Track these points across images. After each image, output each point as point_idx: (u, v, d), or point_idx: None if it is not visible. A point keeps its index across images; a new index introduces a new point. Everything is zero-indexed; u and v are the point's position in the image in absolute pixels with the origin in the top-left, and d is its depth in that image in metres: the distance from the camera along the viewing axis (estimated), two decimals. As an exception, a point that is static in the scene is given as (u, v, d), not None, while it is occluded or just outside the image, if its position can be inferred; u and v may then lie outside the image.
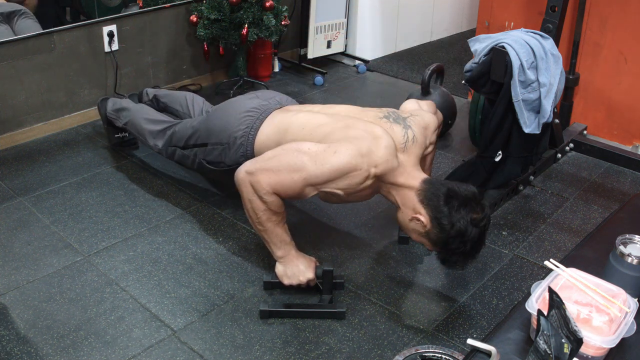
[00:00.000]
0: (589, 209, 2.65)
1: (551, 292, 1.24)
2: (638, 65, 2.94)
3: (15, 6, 2.95)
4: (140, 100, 3.01)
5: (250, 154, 2.21)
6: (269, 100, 2.33)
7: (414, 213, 1.93)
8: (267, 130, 2.20)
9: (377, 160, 1.91)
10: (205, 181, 2.75)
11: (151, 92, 2.99)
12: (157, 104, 2.92)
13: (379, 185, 2.00)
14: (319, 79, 3.87)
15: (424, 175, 1.99)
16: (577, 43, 3.05)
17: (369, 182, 1.93)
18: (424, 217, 1.90)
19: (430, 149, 2.25)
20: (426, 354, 1.83)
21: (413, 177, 1.98)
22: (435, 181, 1.97)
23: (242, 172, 1.96)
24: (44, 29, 2.97)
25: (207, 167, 2.39)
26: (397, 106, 2.33)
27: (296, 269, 2.05)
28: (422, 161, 2.39)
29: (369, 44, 4.30)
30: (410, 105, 2.31)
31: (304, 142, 1.97)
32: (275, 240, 2.02)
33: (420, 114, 2.19)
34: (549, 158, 2.95)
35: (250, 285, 2.16)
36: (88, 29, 3.12)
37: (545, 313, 1.22)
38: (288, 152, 1.95)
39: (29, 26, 2.95)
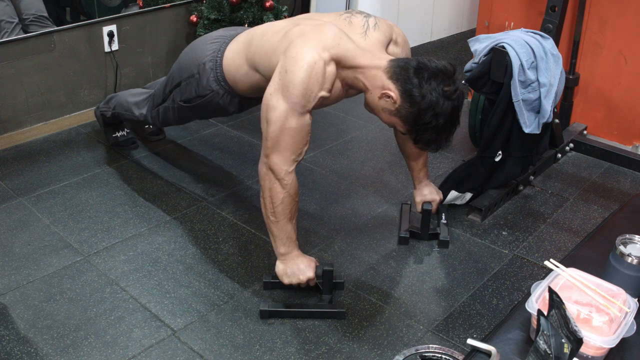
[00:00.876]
0: (589, 209, 2.65)
1: (551, 292, 1.24)
2: (638, 65, 2.94)
3: None
4: None
5: (220, 76, 2.21)
6: (235, 29, 2.33)
7: (383, 89, 1.88)
8: (232, 48, 2.20)
9: (324, 45, 1.88)
10: (205, 181, 2.76)
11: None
12: None
13: (345, 75, 1.95)
14: (319, 79, 3.86)
15: (390, 57, 1.95)
16: (577, 43, 3.05)
17: (330, 68, 1.89)
18: (393, 92, 1.86)
19: (394, 48, 2.13)
20: (426, 354, 1.83)
21: (378, 57, 1.93)
22: (402, 58, 1.93)
23: (261, 168, 1.96)
24: (48, 16, 2.96)
25: (187, 109, 2.37)
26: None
27: (296, 268, 2.04)
28: (416, 159, 2.39)
29: (369, 44, 4.30)
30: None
31: (266, 100, 1.93)
32: (282, 235, 2.01)
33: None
34: (549, 158, 2.95)
35: (250, 285, 2.16)
36: (88, 29, 3.12)
37: (545, 313, 1.22)
38: (269, 121, 1.92)
39: (34, 4, 2.92)
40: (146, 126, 3.02)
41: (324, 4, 3.90)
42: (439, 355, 1.83)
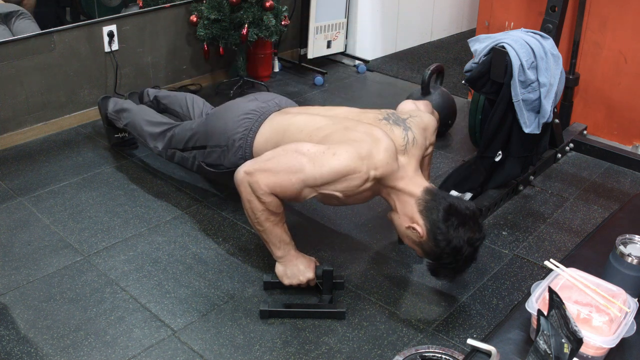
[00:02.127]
0: (589, 209, 2.65)
1: (551, 292, 1.24)
2: (638, 65, 2.94)
3: (13, 7, 2.95)
4: (141, 100, 3.01)
5: (249, 157, 2.21)
6: (267, 102, 2.32)
7: (412, 222, 1.92)
8: (265, 133, 2.20)
9: (376, 163, 1.90)
10: (205, 181, 2.75)
11: (152, 92, 2.98)
12: (158, 106, 2.92)
13: (379, 188, 1.99)
14: (319, 79, 3.87)
15: (426, 184, 1.98)
16: (577, 43, 3.05)
17: (368, 184, 1.92)
18: (420, 228, 1.89)
19: (430, 149, 2.24)
20: (426, 354, 1.83)
21: (414, 183, 1.96)
22: (437, 192, 1.95)
23: (241, 172, 1.95)
24: (43, 29, 2.97)
25: (206, 170, 2.39)
26: (396, 106, 2.33)
27: (296, 269, 2.05)
28: (421, 162, 2.39)
29: (369, 44, 4.31)
30: (408, 106, 2.30)
31: (304, 143, 1.96)
32: (274, 240, 2.02)
33: (419, 115, 2.19)
34: (549, 158, 2.95)
35: (250, 285, 2.16)
36: (88, 29, 3.12)
37: (545, 313, 1.22)
38: (287, 153, 1.94)
39: (27, 27, 2.95)
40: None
41: (323, 4, 3.90)
42: (439, 355, 1.83)
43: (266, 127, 2.21)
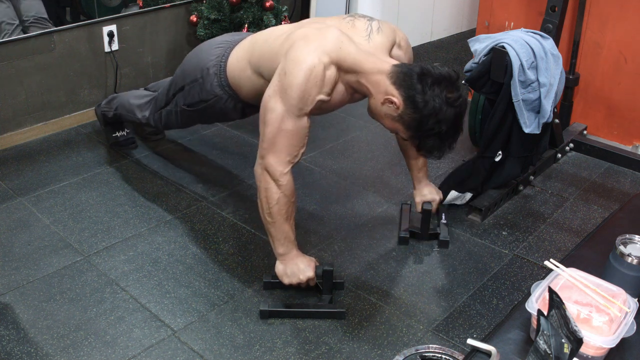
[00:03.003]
0: (589, 209, 2.65)
1: (551, 292, 1.24)
2: (638, 65, 2.94)
3: None
4: None
5: (224, 81, 2.21)
6: (239, 35, 2.33)
7: (386, 95, 1.87)
8: (236, 54, 2.20)
9: (324, 49, 1.87)
10: (205, 181, 2.75)
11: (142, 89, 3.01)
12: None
13: (347, 79, 1.95)
14: (319, 79, 3.86)
15: (394, 61, 1.94)
16: (577, 43, 3.05)
17: (330, 73, 1.89)
18: (396, 98, 1.85)
19: (396, 51, 2.13)
20: (426, 354, 1.83)
21: (382, 61, 1.92)
22: (407, 64, 1.92)
23: (255, 166, 1.97)
24: (49, 17, 2.96)
25: (190, 113, 2.37)
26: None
27: (296, 268, 2.05)
28: (416, 158, 2.39)
29: (369, 44, 4.30)
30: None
31: (267, 101, 1.92)
32: (280, 236, 2.02)
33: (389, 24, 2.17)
34: (549, 158, 2.95)
35: (250, 285, 2.16)
36: (88, 29, 3.12)
37: (545, 313, 1.22)
38: (266, 122, 1.92)
39: (34, 6, 2.93)
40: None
41: (323, 4, 3.90)
42: (439, 355, 1.83)
43: (236, 50, 2.22)
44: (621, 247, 1.43)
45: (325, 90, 1.90)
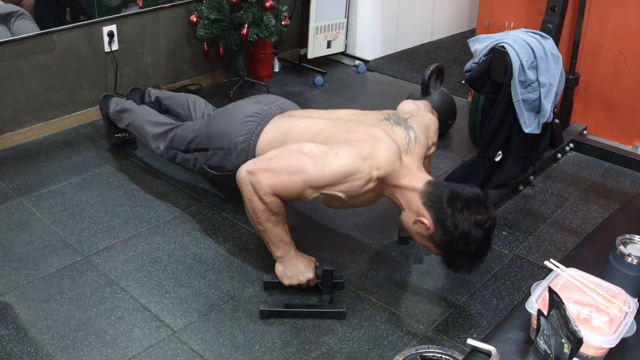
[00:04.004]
0: (589, 209, 2.65)
1: (551, 292, 1.24)
2: (638, 65, 2.94)
3: (13, 7, 2.96)
4: (142, 100, 2.99)
5: (251, 159, 2.20)
6: (270, 105, 2.31)
7: (418, 216, 1.91)
8: (268, 136, 2.19)
9: (378, 163, 1.90)
10: (206, 181, 2.75)
11: (153, 93, 2.97)
12: (159, 107, 2.91)
13: (382, 188, 1.99)
14: (319, 79, 3.87)
15: (428, 177, 1.97)
16: (577, 43, 3.05)
17: (371, 185, 1.92)
18: (427, 220, 1.88)
19: (432, 149, 2.24)
20: (426, 354, 1.83)
21: (417, 178, 1.95)
22: (439, 183, 1.94)
23: (243, 171, 1.95)
24: (43, 29, 2.97)
25: (209, 172, 2.38)
26: (397, 107, 2.33)
27: (295, 269, 2.05)
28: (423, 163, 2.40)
29: (369, 44, 4.30)
30: (408, 106, 2.30)
31: (306, 143, 1.96)
32: (274, 240, 2.02)
33: (420, 115, 2.19)
34: (549, 158, 2.95)
35: (250, 285, 2.16)
36: (88, 29, 3.12)
37: (545, 313, 1.22)
38: (290, 153, 1.94)
39: (27, 27, 2.95)
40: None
41: (323, 4, 3.90)
42: (439, 355, 1.83)
43: (269, 130, 2.21)
44: (621, 247, 1.43)
45: (351, 195, 1.93)
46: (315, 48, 3.99)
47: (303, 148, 1.93)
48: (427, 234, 1.91)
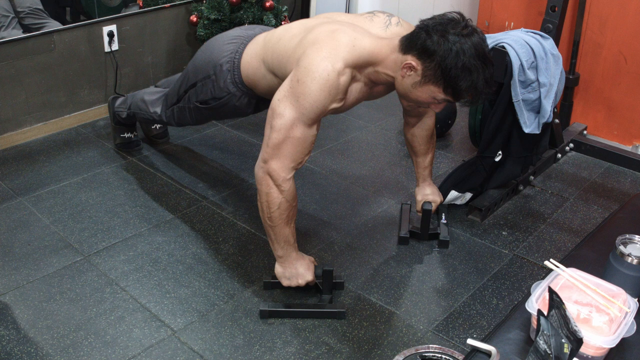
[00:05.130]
0: (589, 209, 2.65)
1: (551, 292, 1.24)
2: (638, 65, 2.94)
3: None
4: None
5: (238, 77, 2.19)
6: (252, 29, 2.30)
7: (403, 65, 1.83)
8: (250, 51, 2.17)
9: (338, 54, 1.83)
10: (205, 181, 2.75)
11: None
12: None
13: (367, 73, 1.91)
14: (319, 79, 3.86)
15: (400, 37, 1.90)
16: (577, 43, 3.05)
17: (345, 78, 1.85)
18: (412, 61, 1.80)
19: None
20: (426, 354, 1.83)
21: (392, 41, 1.88)
22: (412, 29, 1.87)
23: (258, 170, 1.94)
24: (43, 9, 2.96)
25: (203, 110, 2.34)
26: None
27: (295, 271, 2.04)
28: (423, 155, 2.39)
29: (369, 44, 4.30)
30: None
31: (277, 106, 1.89)
32: (280, 239, 2.01)
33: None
34: (549, 158, 2.95)
35: (250, 285, 2.16)
36: (88, 29, 3.12)
37: (545, 313, 1.22)
38: (272, 126, 1.89)
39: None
40: (153, 126, 3.01)
41: (324, 4, 3.90)
42: (439, 355, 1.83)
43: (250, 46, 2.19)
44: (621, 247, 1.43)
45: (339, 97, 1.87)
46: (315, 48, 3.98)
47: (276, 113, 1.88)
48: (420, 77, 1.81)
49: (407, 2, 4.48)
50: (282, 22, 3.52)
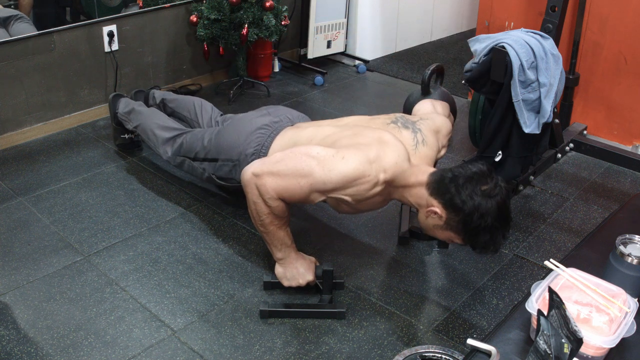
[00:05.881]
0: (589, 209, 2.65)
1: (551, 292, 1.24)
2: (638, 65, 2.94)
3: (12, 11, 2.98)
4: (146, 102, 2.98)
5: None
6: (280, 117, 2.31)
7: (428, 207, 1.88)
8: (277, 147, 2.18)
9: (385, 166, 1.89)
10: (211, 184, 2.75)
11: (158, 95, 2.95)
12: (165, 109, 2.88)
13: (391, 190, 1.97)
14: (319, 79, 3.87)
15: (430, 169, 1.95)
16: (577, 43, 3.05)
17: (378, 188, 1.90)
18: (437, 208, 1.85)
19: (442, 152, 2.21)
20: (426, 354, 1.83)
21: (421, 172, 1.93)
22: (441, 170, 1.92)
23: (249, 172, 1.94)
24: (43, 29, 2.97)
25: (217, 182, 2.37)
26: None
27: (295, 271, 2.04)
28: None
29: (369, 44, 4.31)
30: (425, 107, 2.30)
31: (313, 146, 1.95)
32: (276, 242, 2.02)
33: (432, 117, 2.18)
34: (549, 158, 2.95)
35: (250, 285, 2.16)
36: (88, 29, 3.12)
37: (545, 313, 1.22)
38: (296, 156, 1.92)
39: (25, 29, 2.96)
40: None
41: (323, 4, 3.90)
42: (439, 355, 1.83)
43: (278, 141, 2.20)
44: (621, 247, 1.43)
45: (357, 198, 1.91)
46: (315, 48, 3.99)
47: (310, 151, 1.92)
48: (442, 223, 1.87)
49: (407, 2, 4.48)
50: (282, 22, 3.52)
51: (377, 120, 2.14)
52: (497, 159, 2.53)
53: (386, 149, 1.91)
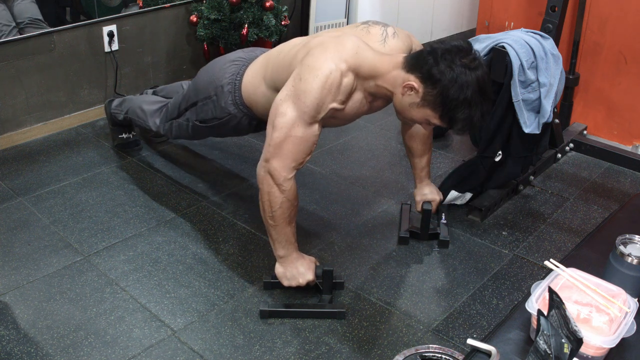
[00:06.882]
0: (589, 209, 2.65)
1: (551, 292, 1.24)
2: (638, 65, 2.95)
3: None
4: None
5: (239, 99, 2.20)
6: (253, 51, 2.32)
7: (404, 83, 1.83)
8: (251, 71, 2.19)
9: (344, 56, 1.85)
10: (205, 181, 2.76)
11: (150, 91, 3.01)
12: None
13: (365, 85, 1.92)
14: (319, 79, 3.86)
15: (405, 54, 1.91)
16: (577, 43, 3.05)
17: (348, 80, 1.86)
18: (413, 82, 1.81)
19: (414, 47, 2.11)
20: (426, 354, 1.83)
21: (395, 57, 1.89)
22: (417, 50, 1.89)
23: (259, 166, 1.94)
24: (44, 17, 2.96)
25: (202, 128, 2.36)
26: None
27: (295, 271, 2.04)
28: (420, 156, 2.39)
29: (369, 44, 4.30)
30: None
31: (279, 105, 1.89)
32: (281, 239, 2.01)
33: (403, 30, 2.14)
34: (549, 158, 2.95)
35: (250, 285, 2.16)
36: (88, 29, 3.12)
37: (545, 313, 1.22)
38: (275, 125, 1.89)
39: (28, 9, 2.94)
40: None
41: (323, 4, 3.90)
42: (439, 355, 1.83)
43: (251, 67, 2.21)
44: (621, 247, 1.43)
45: (340, 98, 1.87)
46: (315, 48, 3.99)
47: (278, 112, 1.88)
48: (419, 99, 1.82)
49: (407, 2, 4.48)
50: (282, 22, 3.52)
51: (347, 27, 2.11)
52: (497, 159, 2.54)
53: (343, 43, 1.87)
